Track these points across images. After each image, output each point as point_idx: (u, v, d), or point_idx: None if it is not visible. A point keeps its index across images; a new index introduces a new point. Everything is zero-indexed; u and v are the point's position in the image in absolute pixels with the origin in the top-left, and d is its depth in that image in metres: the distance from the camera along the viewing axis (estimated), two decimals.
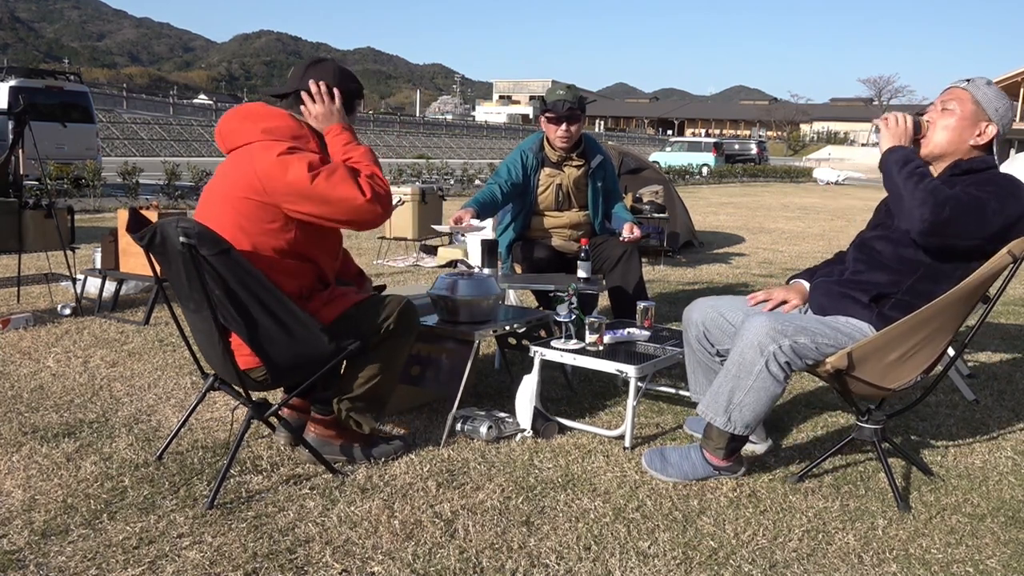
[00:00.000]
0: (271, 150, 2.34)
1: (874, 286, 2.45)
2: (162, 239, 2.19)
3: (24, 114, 4.80)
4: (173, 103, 38.95)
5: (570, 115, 3.76)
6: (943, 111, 2.45)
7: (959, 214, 2.24)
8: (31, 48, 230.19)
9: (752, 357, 2.33)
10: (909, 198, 2.26)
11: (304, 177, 2.30)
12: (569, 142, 3.84)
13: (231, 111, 2.50)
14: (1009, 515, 2.40)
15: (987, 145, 2.43)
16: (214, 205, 2.41)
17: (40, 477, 2.46)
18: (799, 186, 26.74)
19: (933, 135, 2.45)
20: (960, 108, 2.42)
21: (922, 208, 2.23)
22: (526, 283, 3.67)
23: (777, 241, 9.94)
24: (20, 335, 4.12)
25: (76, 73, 16.08)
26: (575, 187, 3.93)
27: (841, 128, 77.90)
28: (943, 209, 2.22)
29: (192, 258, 2.11)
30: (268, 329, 2.29)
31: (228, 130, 2.46)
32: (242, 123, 2.44)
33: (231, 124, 2.46)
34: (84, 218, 9.80)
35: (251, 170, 2.34)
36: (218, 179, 2.46)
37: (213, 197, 2.43)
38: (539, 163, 3.89)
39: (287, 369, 2.39)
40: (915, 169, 2.31)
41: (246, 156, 2.38)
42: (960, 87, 2.45)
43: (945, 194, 2.24)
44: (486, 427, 2.81)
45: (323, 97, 2.49)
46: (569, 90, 3.80)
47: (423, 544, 2.12)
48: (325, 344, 2.35)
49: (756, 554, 2.12)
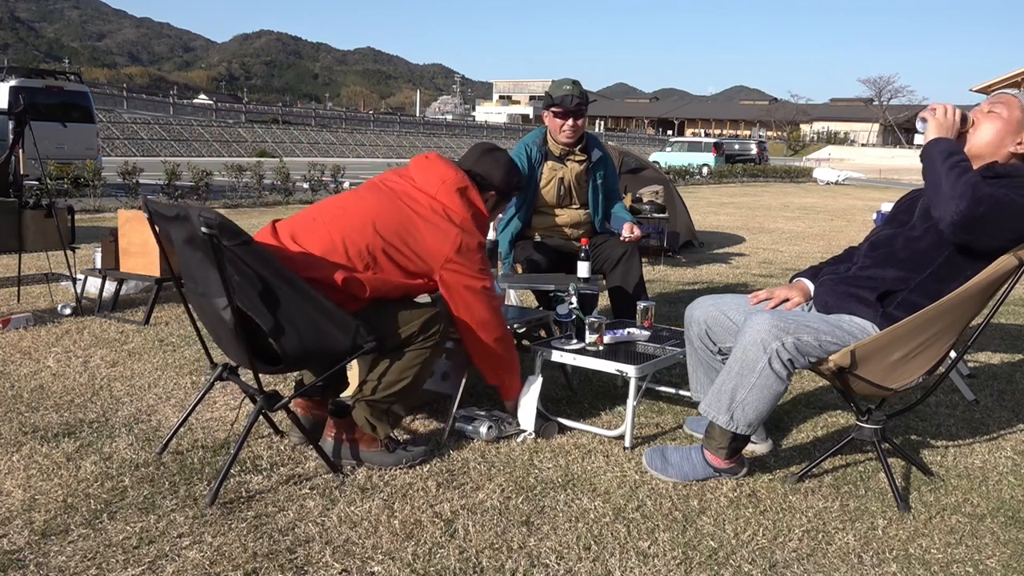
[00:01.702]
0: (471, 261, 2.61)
1: (882, 282, 2.44)
2: (188, 225, 2.19)
3: (24, 114, 4.80)
4: (173, 103, 38.97)
5: (577, 110, 3.78)
6: (989, 112, 2.44)
7: (995, 213, 2.22)
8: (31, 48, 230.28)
9: (755, 355, 2.32)
10: (949, 189, 2.23)
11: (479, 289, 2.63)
12: (574, 136, 3.86)
13: (446, 169, 2.68)
14: (1009, 515, 2.40)
15: (1021, 158, 2.42)
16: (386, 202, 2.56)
17: (40, 477, 2.46)
18: (799, 186, 26.73)
19: (974, 133, 2.44)
20: (1007, 112, 2.41)
21: (960, 200, 2.20)
22: (526, 283, 3.67)
23: (777, 241, 9.94)
24: (20, 335, 4.12)
25: (76, 73, 16.08)
26: (577, 182, 3.94)
27: (841, 128, 77.86)
28: (980, 205, 2.20)
29: (214, 248, 2.11)
30: (290, 314, 2.28)
31: (438, 178, 2.63)
32: (455, 185, 2.63)
33: (430, 170, 2.66)
34: (84, 218, 9.80)
35: (440, 239, 2.55)
36: (386, 193, 2.60)
37: (366, 202, 2.57)
38: (542, 156, 3.90)
39: (300, 355, 2.38)
40: (958, 162, 2.28)
41: (432, 217, 2.56)
42: (1011, 93, 2.45)
43: (984, 191, 2.22)
44: (486, 427, 2.81)
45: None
46: (575, 85, 3.81)
47: (423, 544, 2.12)
48: (342, 338, 2.35)
49: (756, 554, 2.13)
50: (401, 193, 2.59)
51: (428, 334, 2.53)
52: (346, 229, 2.48)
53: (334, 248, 2.45)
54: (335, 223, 2.51)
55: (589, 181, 3.96)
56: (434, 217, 2.56)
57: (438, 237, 2.54)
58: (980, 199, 2.20)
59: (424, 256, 2.54)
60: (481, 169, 2.76)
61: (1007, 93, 2.46)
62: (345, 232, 2.48)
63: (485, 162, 2.79)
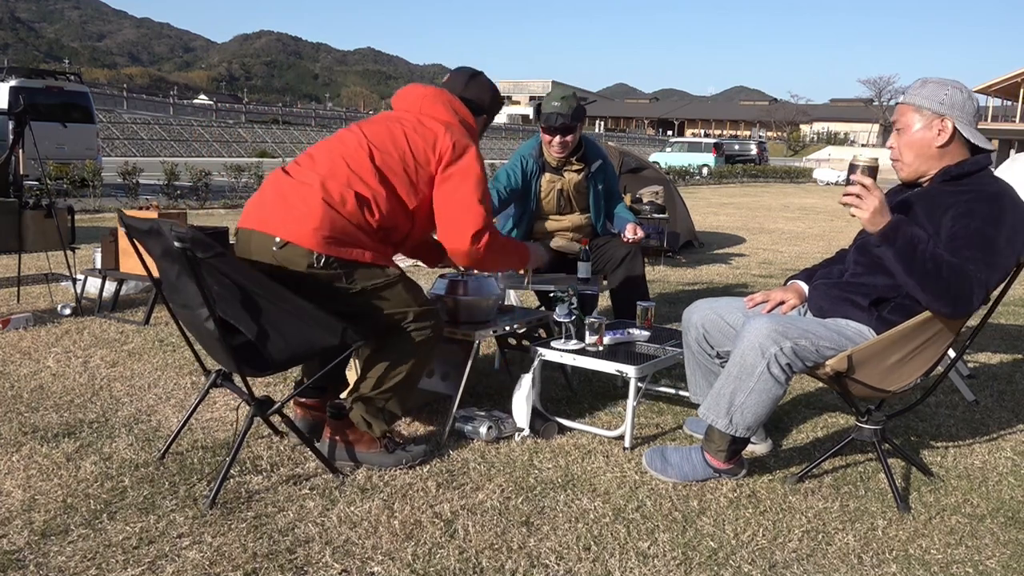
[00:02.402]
0: (478, 156, 2.61)
1: (874, 289, 2.44)
2: (161, 239, 2.19)
3: (24, 114, 4.81)
4: (173, 103, 38.98)
5: (563, 130, 3.74)
6: (896, 132, 2.43)
7: (983, 285, 2.18)
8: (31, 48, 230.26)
9: (753, 359, 2.32)
10: (931, 300, 2.19)
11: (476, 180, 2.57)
12: (564, 152, 3.83)
13: (434, 88, 2.72)
14: (1009, 516, 2.40)
15: (959, 140, 2.35)
16: (385, 132, 2.56)
17: (40, 477, 2.46)
18: (799, 186, 26.74)
19: (902, 157, 2.42)
20: (905, 121, 2.40)
21: (949, 308, 2.19)
22: (525, 284, 3.67)
23: (777, 241, 9.94)
24: (20, 335, 4.12)
25: (76, 73, 16.08)
26: (576, 191, 3.93)
27: (841, 129, 77.87)
28: (968, 301, 2.17)
29: (189, 261, 2.11)
30: (270, 316, 2.27)
31: (430, 103, 2.65)
32: (447, 108, 2.66)
33: (435, 98, 2.67)
34: (84, 218, 9.80)
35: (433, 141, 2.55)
36: (395, 120, 2.61)
37: (386, 125, 2.58)
38: (539, 168, 3.88)
39: (288, 359, 2.38)
40: (922, 261, 2.15)
41: (444, 128, 2.57)
42: (899, 102, 2.45)
43: (959, 287, 2.15)
44: (486, 427, 2.81)
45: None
46: (564, 100, 3.73)
47: (423, 544, 2.12)
48: (329, 338, 2.34)
49: (756, 554, 2.13)
50: (387, 118, 2.64)
51: (422, 326, 2.52)
52: (346, 150, 2.51)
53: (334, 170, 2.47)
54: (335, 150, 2.53)
55: (590, 189, 3.95)
56: (420, 127, 2.58)
57: (427, 137, 2.55)
58: (964, 296, 2.16)
59: (421, 161, 2.53)
60: (471, 94, 2.78)
61: (900, 104, 2.44)
62: (345, 153, 2.51)
63: (472, 87, 2.80)
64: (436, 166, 2.54)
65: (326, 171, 2.46)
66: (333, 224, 2.38)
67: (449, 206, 2.55)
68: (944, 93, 2.34)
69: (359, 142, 2.53)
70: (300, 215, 2.38)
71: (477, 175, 2.57)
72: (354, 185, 2.44)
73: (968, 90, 2.38)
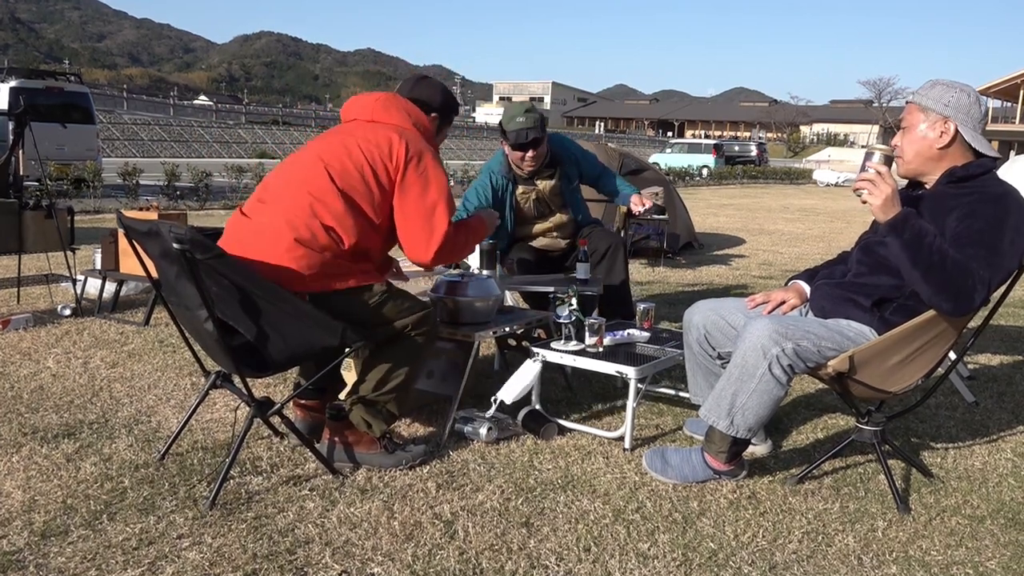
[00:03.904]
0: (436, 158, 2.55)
1: (876, 289, 2.44)
2: (161, 241, 2.19)
3: (24, 115, 4.81)
4: (173, 104, 39.02)
5: (533, 143, 3.67)
6: (902, 130, 2.44)
7: (985, 284, 2.18)
8: (31, 49, 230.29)
9: (755, 360, 2.32)
10: (933, 294, 2.19)
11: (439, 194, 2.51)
12: (537, 165, 3.77)
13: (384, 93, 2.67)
14: (1009, 517, 2.40)
15: (960, 143, 2.35)
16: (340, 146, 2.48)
17: (40, 478, 2.46)
18: (799, 188, 26.75)
19: (904, 155, 2.42)
20: (911, 120, 2.40)
21: (950, 304, 2.19)
22: (526, 285, 3.67)
23: (777, 243, 9.94)
24: (20, 336, 4.12)
25: (76, 74, 16.09)
26: (551, 194, 3.90)
27: (841, 130, 77.89)
28: (969, 299, 2.17)
29: (188, 262, 2.11)
30: (269, 317, 2.27)
31: (383, 106, 2.59)
32: (400, 111, 2.60)
33: (388, 103, 2.61)
34: (84, 219, 9.80)
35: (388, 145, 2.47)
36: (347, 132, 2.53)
37: (340, 137, 2.51)
38: (509, 182, 3.83)
39: (287, 360, 2.38)
40: (928, 253, 2.17)
41: (397, 132, 2.50)
42: (908, 101, 2.45)
43: (967, 285, 2.16)
44: (486, 428, 2.81)
45: None
46: (528, 115, 3.66)
47: (423, 545, 2.12)
48: (328, 339, 2.34)
49: (756, 556, 2.12)
50: (339, 132, 2.57)
51: (419, 331, 2.52)
52: (305, 176, 2.44)
53: (297, 202, 2.38)
54: (293, 178, 2.46)
55: (564, 191, 3.92)
56: (373, 135, 2.49)
57: (381, 145, 2.47)
58: (966, 292, 2.16)
59: (379, 172, 2.44)
60: (419, 95, 2.73)
61: (909, 103, 2.43)
62: (305, 179, 2.43)
63: (420, 88, 2.76)
64: (394, 174, 2.46)
65: (288, 206, 2.38)
66: (309, 263, 2.34)
67: (410, 219, 2.48)
68: (951, 96, 2.34)
69: (316, 166, 2.43)
70: (274, 264, 2.32)
71: (435, 182, 2.49)
72: (320, 215, 2.36)
73: (976, 94, 2.38)
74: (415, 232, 2.48)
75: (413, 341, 2.52)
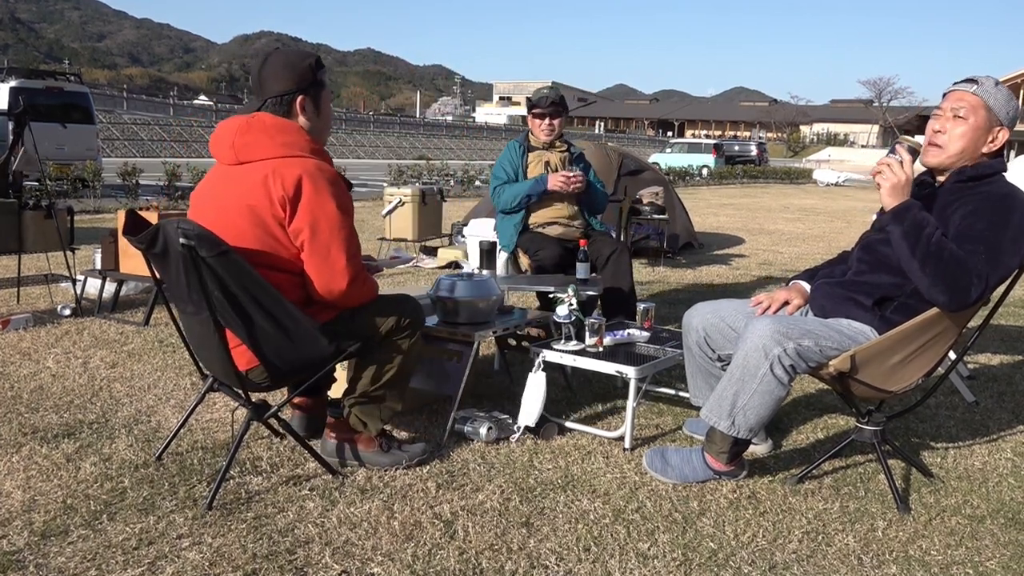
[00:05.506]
0: (317, 180, 2.28)
1: (877, 288, 2.44)
2: (164, 242, 2.18)
3: (24, 115, 4.81)
4: (173, 104, 38.97)
5: (553, 110, 4.14)
6: (955, 119, 2.34)
7: (983, 279, 2.18)
8: (31, 49, 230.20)
9: (756, 360, 2.32)
10: (930, 285, 2.20)
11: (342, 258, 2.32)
12: (552, 134, 4.19)
13: (238, 123, 2.38)
14: (1009, 517, 2.40)
15: (998, 150, 2.38)
16: (221, 211, 2.33)
17: (40, 478, 2.46)
18: (799, 187, 26.74)
19: (948, 145, 2.35)
20: (973, 117, 2.32)
21: (942, 295, 2.19)
22: (527, 284, 3.67)
23: (777, 242, 9.94)
24: (20, 336, 4.12)
25: (76, 74, 16.10)
26: (562, 165, 4.23)
27: (841, 129, 77.89)
28: (966, 292, 2.17)
29: (192, 260, 2.11)
30: (267, 330, 2.28)
31: (242, 143, 2.33)
32: (258, 137, 2.33)
33: (245, 138, 2.33)
34: (84, 219, 9.79)
35: (279, 187, 2.26)
36: (224, 184, 2.37)
37: (217, 202, 2.36)
38: (526, 150, 4.24)
39: (286, 370, 2.39)
40: (927, 243, 2.19)
41: (269, 169, 2.28)
42: (971, 92, 2.33)
43: (964, 278, 2.16)
44: (486, 428, 2.81)
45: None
46: (552, 90, 4.22)
47: (423, 545, 2.12)
48: (325, 345, 2.34)
49: (756, 555, 2.12)
50: (223, 182, 2.37)
51: (407, 334, 2.51)
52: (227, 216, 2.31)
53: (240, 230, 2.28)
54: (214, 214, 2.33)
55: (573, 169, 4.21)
56: (249, 180, 2.29)
57: (261, 194, 2.26)
58: (962, 288, 2.17)
59: (274, 222, 2.28)
60: (271, 88, 2.39)
61: (966, 92, 2.34)
62: (228, 219, 2.30)
63: (270, 80, 2.39)
64: (285, 219, 2.28)
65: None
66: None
67: (312, 266, 2.33)
68: (1012, 104, 2.34)
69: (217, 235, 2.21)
70: (226, 361, 2.27)
71: (322, 219, 2.28)
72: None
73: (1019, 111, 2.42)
74: (322, 279, 2.34)
75: (403, 342, 2.52)
